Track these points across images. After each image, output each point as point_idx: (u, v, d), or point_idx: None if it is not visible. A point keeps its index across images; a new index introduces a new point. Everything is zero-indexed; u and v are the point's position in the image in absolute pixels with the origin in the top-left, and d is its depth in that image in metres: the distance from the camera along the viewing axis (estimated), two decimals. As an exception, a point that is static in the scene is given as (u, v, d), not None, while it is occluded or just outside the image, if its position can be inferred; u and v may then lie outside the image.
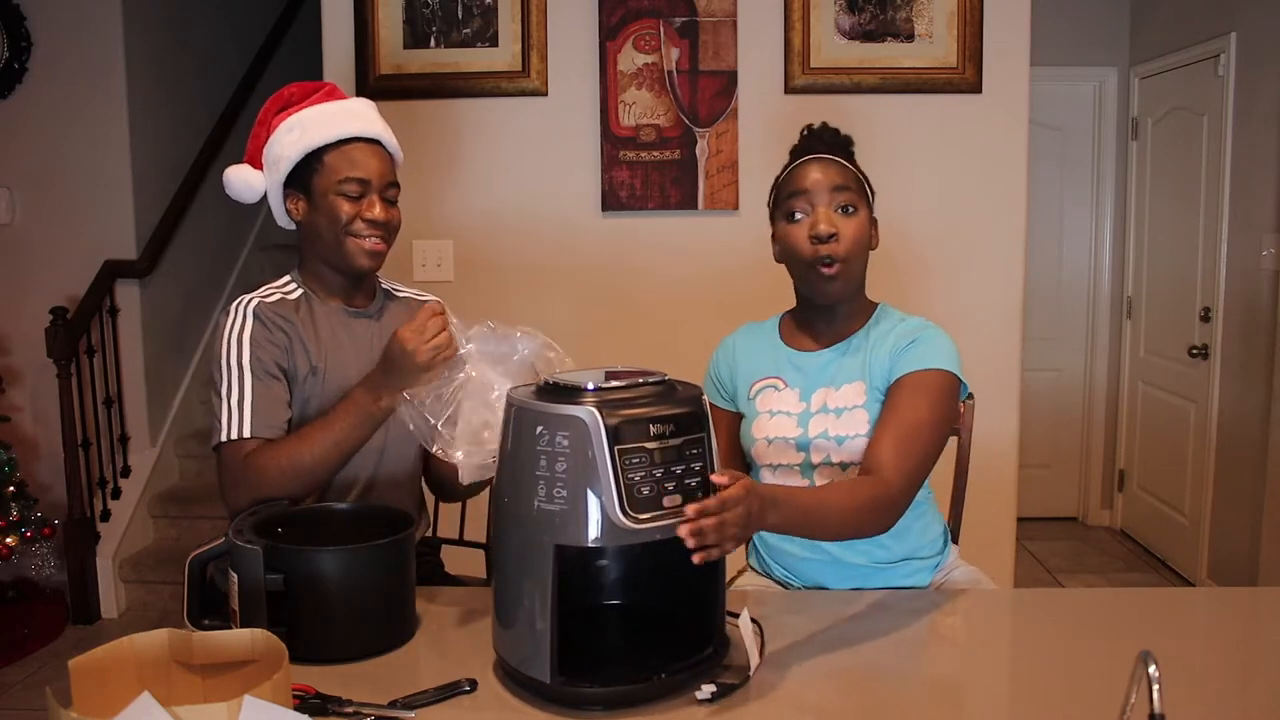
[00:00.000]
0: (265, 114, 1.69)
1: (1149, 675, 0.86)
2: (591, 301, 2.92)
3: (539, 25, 2.83)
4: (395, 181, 1.69)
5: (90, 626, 3.54)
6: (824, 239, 1.53)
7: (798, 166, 1.59)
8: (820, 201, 1.55)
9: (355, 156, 1.64)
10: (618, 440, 1.13)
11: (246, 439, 1.55)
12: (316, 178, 1.64)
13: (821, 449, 1.57)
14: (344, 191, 1.63)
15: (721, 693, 1.16)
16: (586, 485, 1.13)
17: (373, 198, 1.64)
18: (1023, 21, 2.81)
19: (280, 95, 1.70)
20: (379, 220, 1.64)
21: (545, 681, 1.16)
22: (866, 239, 1.57)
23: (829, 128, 1.65)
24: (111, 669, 1.02)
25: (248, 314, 1.62)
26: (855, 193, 1.56)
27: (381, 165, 1.66)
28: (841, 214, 1.54)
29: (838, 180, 1.55)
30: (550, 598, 1.15)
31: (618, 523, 1.12)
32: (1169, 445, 4.07)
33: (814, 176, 1.56)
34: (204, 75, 4.29)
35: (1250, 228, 3.49)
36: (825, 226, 1.53)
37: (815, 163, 1.58)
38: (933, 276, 2.87)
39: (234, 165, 1.72)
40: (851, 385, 1.57)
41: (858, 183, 1.58)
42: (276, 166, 1.66)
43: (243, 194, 1.71)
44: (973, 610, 1.54)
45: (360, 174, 1.63)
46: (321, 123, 1.63)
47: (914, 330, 1.57)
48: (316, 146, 1.63)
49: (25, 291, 3.75)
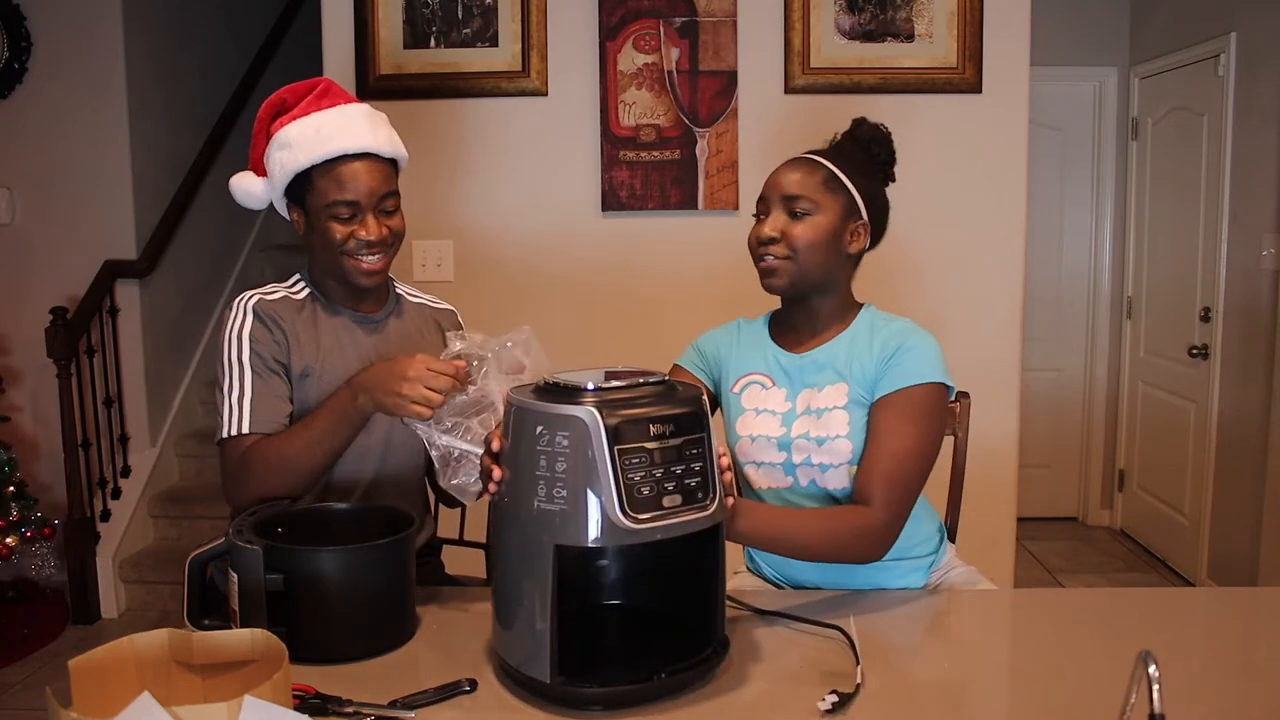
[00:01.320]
0: (261, 121, 1.66)
1: (1149, 675, 0.86)
2: (591, 301, 2.92)
3: (539, 25, 2.83)
4: (392, 191, 1.64)
5: (90, 626, 3.54)
6: (764, 241, 1.58)
7: (774, 170, 1.62)
8: (774, 205, 1.59)
9: (343, 177, 1.59)
10: (618, 440, 1.13)
11: (245, 435, 1.55)
12: (309, 197, 1.62)
13: (802, 449, 1.58)
14: (335, 215, 1.60)
15: (842, 702, 1.15)
16: (586, 485, 1.13)
17: (365, 217, 1.60)
18: (1023, 21, 2.81)
19: (273, 101, 1.66)
20: (373, 240, 1.60)
21: (545, 681, 1.16)
22: (822, 241, 1.57)
23: (867, 124, 1.66)
24: (111, 669, 1.02)
25: (247, 310, 1.62)
26: (813, 199, 1.57)
27: (373, 180, 1.60)
28: (791, 218, 1.57)
29: (793, 190, 1.57)
30: (550, 598, 1.15)
31: (618, 523, 1.12)
32: (1169, 445, 4.07)
33: (774, 180, 1.61)
34: (204, 75, 4.29)
35: (1250, 228, 3.49)
36: (768, 230, 1.58)
37: (785, 166, 1.61)
38: (933, 276, 2.87)
39: (238, 173, 1.70)
40: (834, 387, 1.58)
41: (828, 185, 1.58)
42: (274, 180, 1.64)
43: (247, 202, 1.70)
44: (972, 610, 1.54)
45: (349, 196, 1.59)
46: (307, 141, 1.59)
47: (898, 337, 1.57)
48: (304, 168, 1.59)
49: (25, 291, 3.75)
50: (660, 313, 2.90)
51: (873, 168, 1.64)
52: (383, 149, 1.63)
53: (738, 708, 1.19)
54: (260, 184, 1.68)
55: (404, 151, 1.69)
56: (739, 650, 1.31)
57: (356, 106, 1.65)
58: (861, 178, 1.61)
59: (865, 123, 1.67)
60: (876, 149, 1.65)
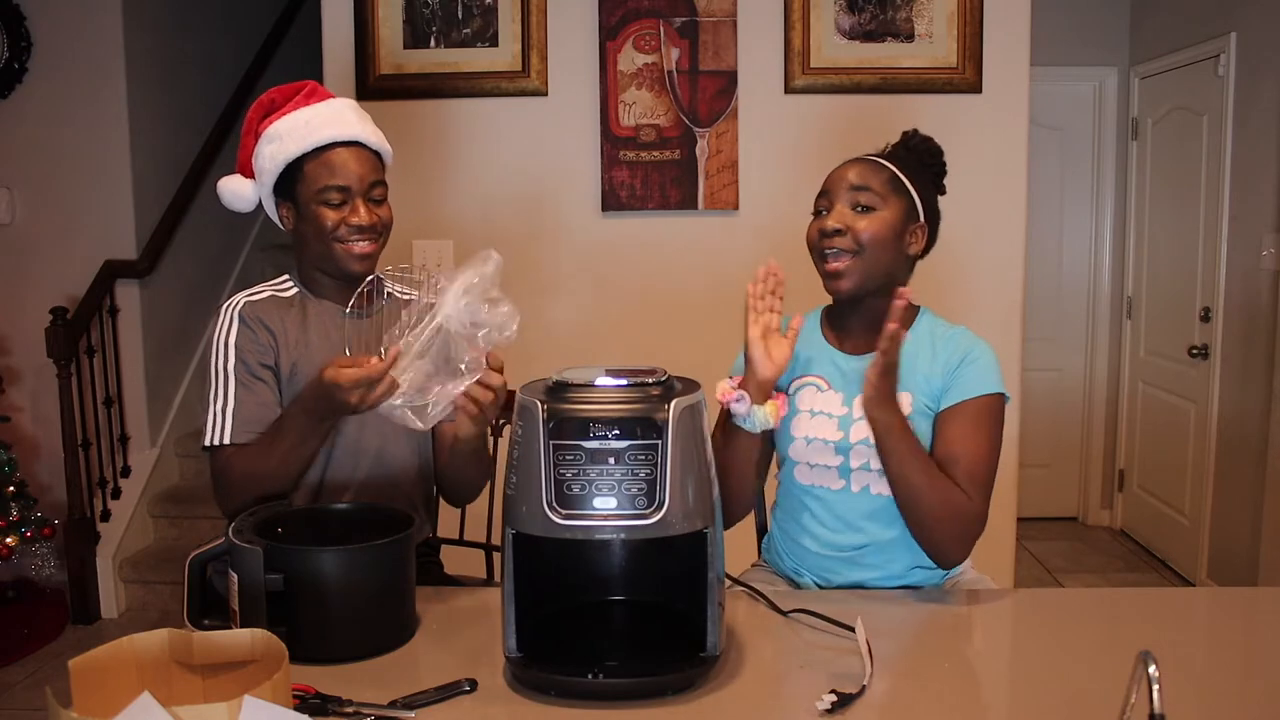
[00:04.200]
0: (250, 122, 1.68)
1: (1149, 675, 0.86)
2: (591, 301, 2.92)
3: (539, 25, 2.83)
4: (380, 180, 1.67)
5: (90, 626, 3.54)
6: (828, 233, 1.55)
7: (834, 168, 1.62)
8: (839, 199, 1.58)
9: (334, 163, 1.62)
10: (557, 435, 1.16)
11: (226, 445, 1.59)
12: (299, 187, 1.64)
13: (861, 454, 1.57)
14: (326, 200, 1.62)
15: (842, 702, 1.15)
16: (529, 475, 1.17)
17: (356, 202, 1.63)
18: (1023, 21, 2.81)
19: (262, 102, 1.68)
20: (364, 225, 1.63)
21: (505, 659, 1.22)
22: (888, 238, 1.56)
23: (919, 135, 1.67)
24: (111, 669, 1.02)
25: (233, 317, 1.65)
26: (879, 193, 1.56)
27: (362, 167, 1.64)
28: (857, 211, 1.56)
29: (858, 180, 1.57)
30: (511, 581, 1.20)
31: (549, 516, 1.16)
32: (1169, 445, 4.07)
33: (840, 174, 1.60)
34: (204, 75, 4.29)
35: (1250, 228, 3.49)
36: (833, 222, 1.56)
37: (849, 163, 1.61)
38: (933, 276, 2.85)
39: (225, 176, 1.72)
40: (899, 395, 1.55)
41: (892, 184, 1.58)
42: (262, 177, 1.66)
43: (234, 204, 1.72)
44: (973, 610, 1.54)
45: (340, 181, 1.62)
46: (297, 132, 1.62)
47: (962, 347, 1.58)
48: (294, 157, 1.62)
49: (25, 291, 3.75)
50: (660, 312, 2.90)
51: (926, 175, 1.65)
52: (370, 140, 1.67)
53: (738, 705, 1.19)
54: (249, 185, 1.70)
55: (389, 148, 1.72)
56: (742, 647, 1.32)
57: (343, 100, 1.70)
58: (920, 183, 1.62)
59: (917, 134, 1.68)
60: (930, 159, 1.66)
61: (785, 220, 1.68)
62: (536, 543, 1.20)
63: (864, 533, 1.59)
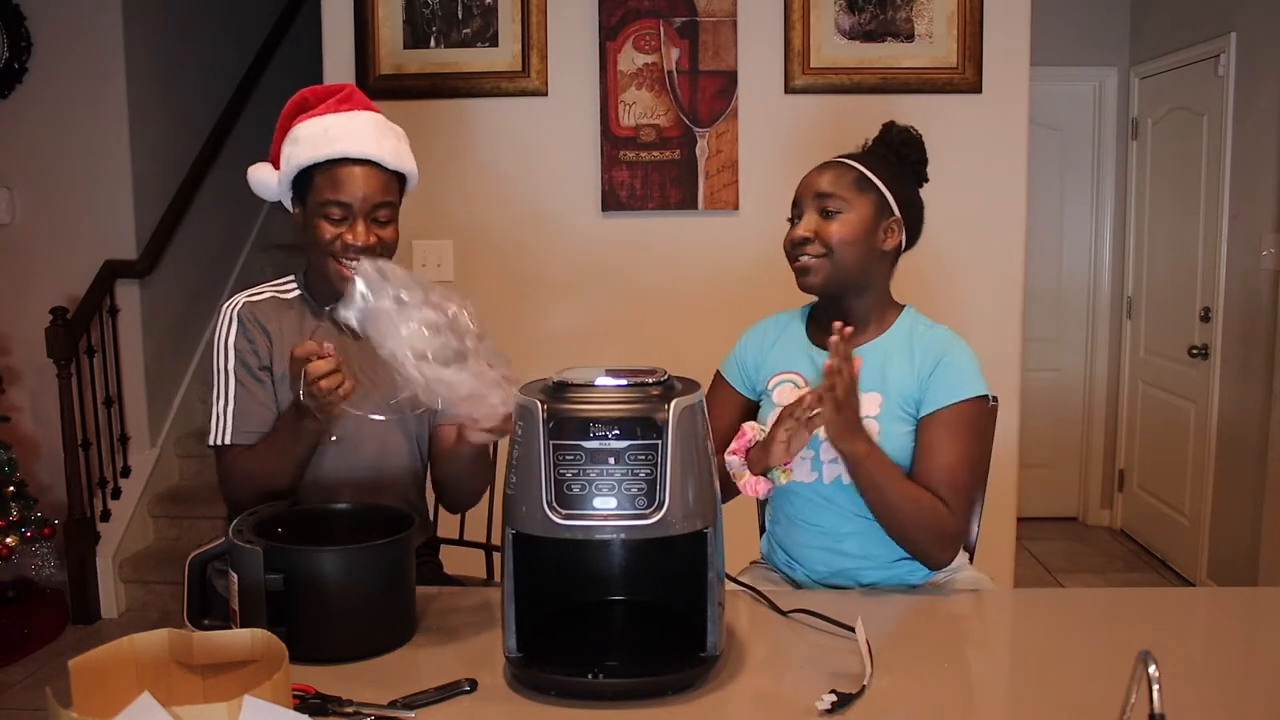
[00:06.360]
0: (283, 117, 1.68)
1: (1149, 675, 0.86)
2: (591, 301, 2.92)
3: (539, 25, 2.82)
4: (388, 202, 1.63)
5: (90, 626, 3.54)
6: (798, 243, 1.61)
7: (805, 175, 1.65)
8: (807, 208, 1.62)
9: (340, 179, 1.59)
10: (557, 435, 1.16)
11: (227, 445, 1.62)
12: (308, 194, 1.63)
13: (830, 448, 1.57)
14: (326, 214, 1.60)
15: (842, 702, 1.15)
16: (529, 475, 1.17)
17: (356, 221, 1.60)
18: (1023, 21, 2.81)
19: (296, 99, 1.67)
20: (360, 245, 1.59)
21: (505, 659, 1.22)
22: (856, 237, 1.59)
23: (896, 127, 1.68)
24: (111, 669, 1.02)
25: (232, 317, 1.66)
26: (844, 197, 1.59)
27: (369, 187, 1.60)
28: (824, 218, 1.60)
29: (824, 187, 1.61)
30: (511, 580, 1.21)
31: (548, 516, 1.16)
32: (1169, 445, 4.07)
33: (806, 183, 1.64)
34: (204, 75, 4.28)
35: (1250, 228, 3.49)
36: (801, 231, 1.61)
37: (816, 170, 1.65)
38: (932, 276, 2.87)
39: (256, 164, 1.72)
40: (868, 395, 1.58)
41: (859, 184, 1.60)
42: (282, 175, 1.66)
43: (261, 192, 1.72)
44: (972, 610, 1.54)
45: (342, 198, 1.59)
46: (314, 140, 1.60)
47: (936, 351, 1.59)
48: (306, 165, 1.61)
49: (25, 291, 3.75)
50: (660, 312, 2.90)
51: (903, 169, 1.67)
52: (386, 159, 1.62)
53: (738, 705, 1.19)
54: (275, 176, 1.69)
55: (412, 168, 1.68)
56: (742, 647, 1.32)
57: (369, 114, 1.66)
58: (892, 178, 1.63)
59: (895, 126, 1.69)
60: (906, 150, 1.68)
61: (785, 220, 1.68)
62: (536, 542, 1.20)
63: (842, 521, 1.61)
